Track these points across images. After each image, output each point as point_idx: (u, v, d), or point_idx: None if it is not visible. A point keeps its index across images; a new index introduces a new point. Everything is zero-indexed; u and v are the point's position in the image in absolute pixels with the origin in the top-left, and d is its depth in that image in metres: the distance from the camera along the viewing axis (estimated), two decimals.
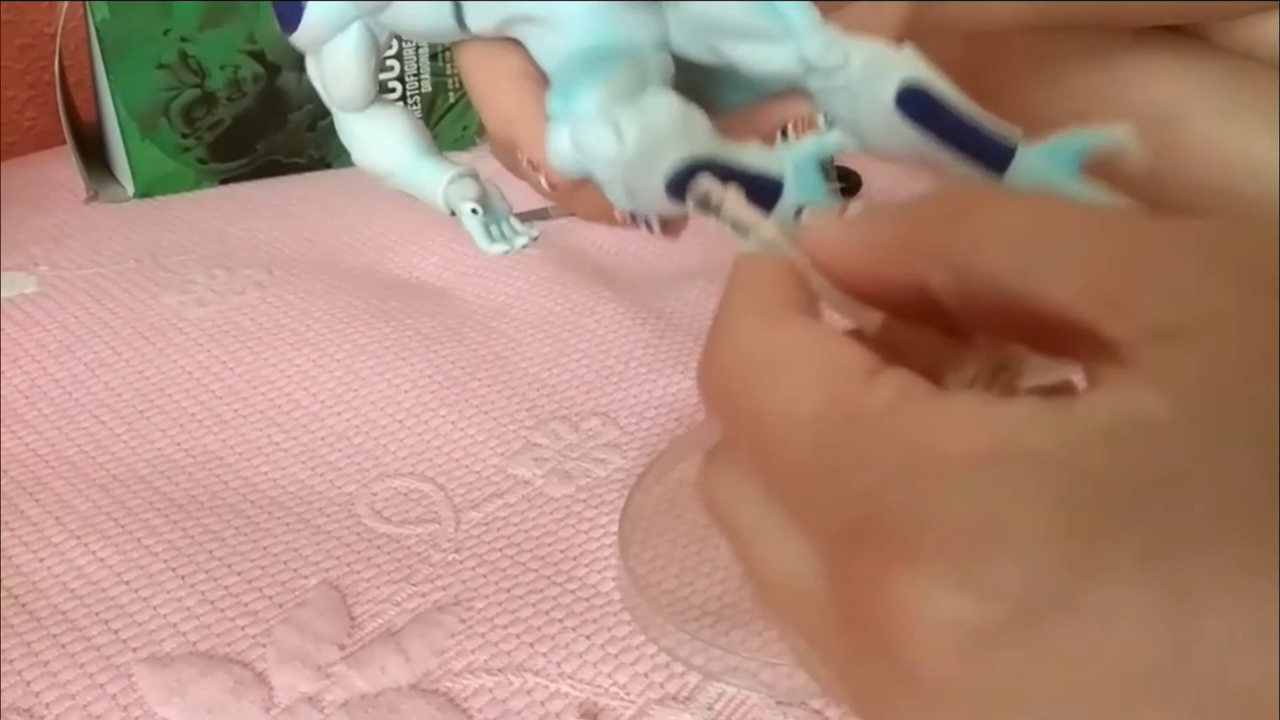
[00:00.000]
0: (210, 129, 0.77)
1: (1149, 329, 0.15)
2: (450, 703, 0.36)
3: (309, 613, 0.40)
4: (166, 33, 0.74)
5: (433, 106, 0.83)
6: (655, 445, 0.50)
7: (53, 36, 0.74)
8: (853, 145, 0.26)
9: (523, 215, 0.36)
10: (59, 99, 0.75)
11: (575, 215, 0.29)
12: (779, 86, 0.27)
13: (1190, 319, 0.15)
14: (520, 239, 0.35)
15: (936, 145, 0.25)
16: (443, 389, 0.53)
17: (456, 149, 0.81)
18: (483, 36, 0.28)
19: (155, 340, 0.57)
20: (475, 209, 0.34)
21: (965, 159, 0.25)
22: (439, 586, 0.41)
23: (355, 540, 0.44)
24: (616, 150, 0.25)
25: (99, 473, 0.47)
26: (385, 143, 0.33)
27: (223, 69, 0.76)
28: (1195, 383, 0.15)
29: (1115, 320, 0.16)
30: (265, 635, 0.39)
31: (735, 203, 0.21)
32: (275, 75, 0.77)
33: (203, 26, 0.74)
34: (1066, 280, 0.16)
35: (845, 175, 0.77)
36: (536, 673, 0.37)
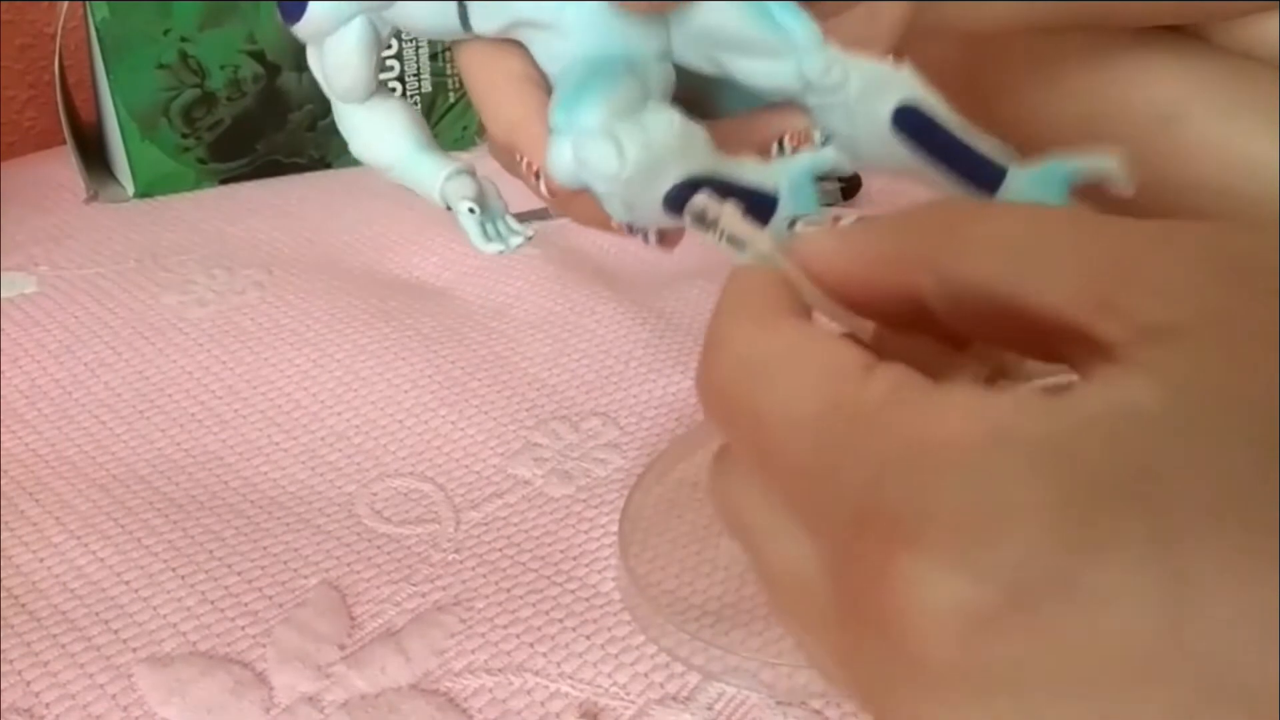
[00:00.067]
0: (210, 129, 0.77)
1: (1141, 329, 0.15)
2: (450, 703, 0.36)
3: (309, 613, 0.40)
4: (166, 33, 0.74)
5: (433, 106, 0.83)
6: (655, 445, 0.50)
7: (53, 36, 0.74)
8: (847, 161, 0.26)
9: (521, 215, 0.36)
10: (59, 99, 0.75)
11: (572, 220, 0.29)
12: (777, 98, 0.27)
13: (1181, 318, 0.15)
14: (516, 239, 0.35)
15: (930, 164, 0.25)
16: (443, 389, 0.53)
17: (456, 149, 0.81)
18: (485, 37, 0.28)
19: (155, 340, 0.57)
20: (472, 208, 0.34)
21: (958, 178, 0.25)
22: (439, 586, 0.41)
23: (355, 540, 0.44)
24: (617, 167, 0.25)
25: (99, 473, 0.47)
26: (385, 135, 0.33)
27: (223, 69, 0.76)
28: (1187, 377, 0.15)
29: (1107, 322, 0.16)
30: (265, 635, 0.39)
31: (732, 217, 0.21)
32: (275, 75, 0.77)
33: (203, 26, 0.74)
34: (1059, 285, 0.17)
35: (845, 176, 0.77)
36: (536, 673, 0.37)
